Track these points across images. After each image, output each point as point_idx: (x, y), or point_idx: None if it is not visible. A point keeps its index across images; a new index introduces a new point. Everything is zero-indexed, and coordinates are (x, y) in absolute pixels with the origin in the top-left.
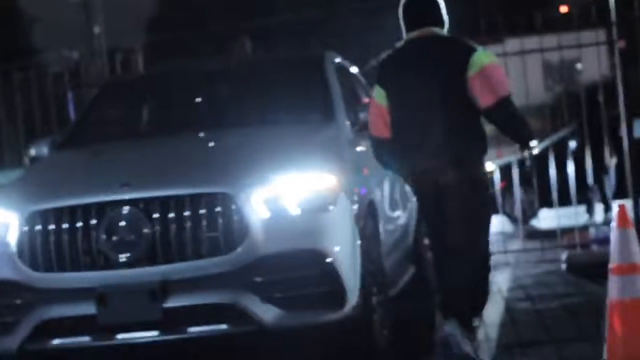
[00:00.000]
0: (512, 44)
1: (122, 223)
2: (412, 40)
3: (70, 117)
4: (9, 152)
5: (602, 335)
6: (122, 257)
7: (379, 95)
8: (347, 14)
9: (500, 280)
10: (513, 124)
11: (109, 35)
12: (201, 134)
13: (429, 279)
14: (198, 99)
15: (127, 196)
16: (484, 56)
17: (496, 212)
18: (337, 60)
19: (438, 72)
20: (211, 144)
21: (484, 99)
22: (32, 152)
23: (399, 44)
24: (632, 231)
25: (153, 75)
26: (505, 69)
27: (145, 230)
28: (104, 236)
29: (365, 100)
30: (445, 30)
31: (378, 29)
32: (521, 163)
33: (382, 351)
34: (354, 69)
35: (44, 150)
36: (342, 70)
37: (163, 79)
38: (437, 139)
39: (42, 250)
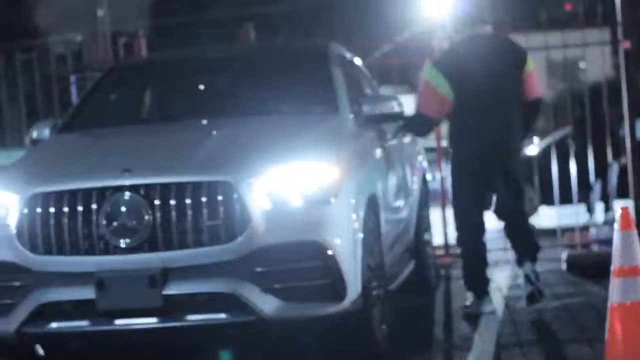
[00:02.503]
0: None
1: (123, 208)
2: (474, 36)
3: (73, 100)
4: (11, 133)
5: (602, 337)
6: (122, 243)
7: (439, 82)
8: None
9: (499, 278)
10: (537, 115)
11: (112, 19)
12: (204, 122)
13: (429, 274)
14: (201, 87)
15: (128, 182)
16: (531, 59)
17: None
18: (341, 51)
19: (503, 67)
20: (214, 132)
21: (534, 92)
22: (34, 134)
23: (459, 38)
24: (635, 233)
25: (156, 60)
26: None
27: (146, 217)
28: (104, 221)
29: (368, 91)
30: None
31: (380, 20)
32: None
33: (381, 345)
34: (358, 61)
35: (46, 132)
36: (346, 62)
37: (166, 65)
38: (503, 125)
39: (41, 233)
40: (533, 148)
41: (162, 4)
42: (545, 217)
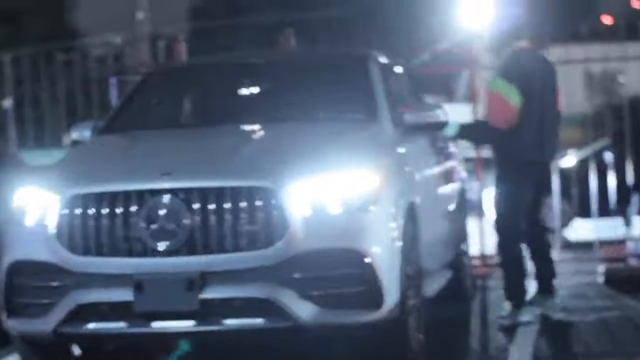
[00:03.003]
0: (556, 52)
1: (162, 212)
2: (525, 49)
3: (112, 101)
4: (51, 133)
5: (639, 350)
6: (161, 246)
7: (509, 93)
8: (392, 11)
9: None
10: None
11: (152, 22)
12: (244, 127)
13: (466, 284)
14: (241, 92)
15: (167, 185)
16: None
17: None
18: (382, 59)
19: (552, 80)
20: (254, 137)
21: (561, 105)
22: (74, 135)
23: (514, 50)
24: None
25: (197, 65)
26: None
27: (185, 220)
28: (143, 224)
29: (410, 99)
30: None
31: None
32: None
33: (417, 354)
34: (399, 69)
35: (86, 133)
36: (386, 70)
37: (207, 69)
38: (554, 134)
39: (81, 233)
40: (570, 160)
41: (201, 7)
42: (582, 229)
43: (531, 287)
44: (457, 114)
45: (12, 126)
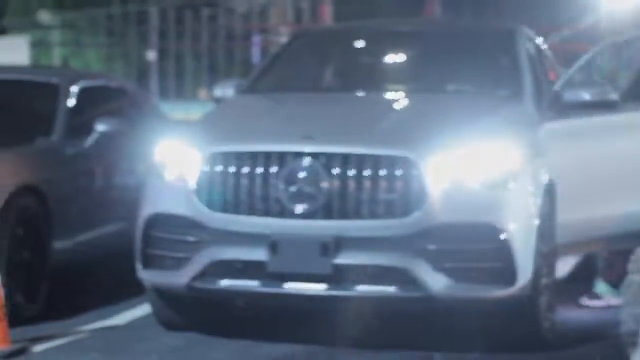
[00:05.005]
0: None
1: (302, 174)
2: None
3: (254, 59)
4: (191, 87)
5: None
6: (298, 208)
7: None
8: None
9: None
10: None
11: None
12: (387, 95)
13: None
14: (386, 60)
15: (309, 148)
16: None
17: None
18: (530, 35)
19: None
20: (396, 107)
21: None
22: (217, 92)
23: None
24: None
25: (344, 30)
26: None
27: (324, 184)
28: (282, 185)
29: (553, 76)
30: None
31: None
32: None
33: (546, 333)
34: (544, 45)
35: (229, 92)
36: (532, 46)
37: (354, 35)
38: None
39: (220, 191)
40: None
41: None
42: None
43: None
44: None
45: (154, 78)
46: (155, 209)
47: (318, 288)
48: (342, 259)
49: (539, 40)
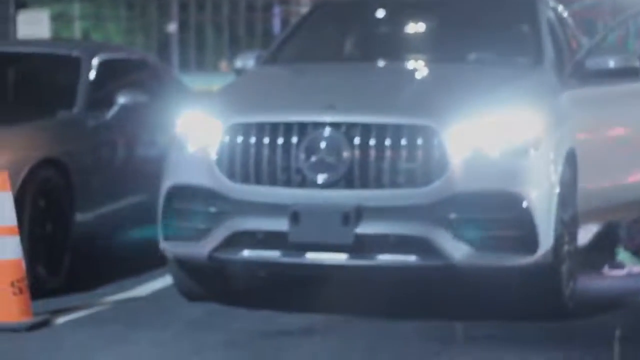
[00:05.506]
0: None
1: (323, 144)
2: None
3: (275, 30)
4: (212, 58)
5: None
6: (320, 178)
7: None
8: None
9: None
10: None
11: None
12: (407, 65)
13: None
14: (407, 30)
15: (330, 118)
16: None
17: None
18: (550, 3)
19: None
20: (417, 77)
21: None
22: (238, 63)
23: None
24: None
25: (364, 0)
26: None
27: (345, 154)
28: (303, 155)
29: (574, 44)
30: None
31: None
32: None
33: (567, 301)
34: (565, 13)
35: (250, 63)
36: (553, 14)
37: (374, 5)
38: None
39: (241, 161)
40: None
41: None
42: None
43: None
44: None
45: (175, 50)
46: (177, 180)
47: (339, 258)
48: (363, 229)
49: (560, 7)
